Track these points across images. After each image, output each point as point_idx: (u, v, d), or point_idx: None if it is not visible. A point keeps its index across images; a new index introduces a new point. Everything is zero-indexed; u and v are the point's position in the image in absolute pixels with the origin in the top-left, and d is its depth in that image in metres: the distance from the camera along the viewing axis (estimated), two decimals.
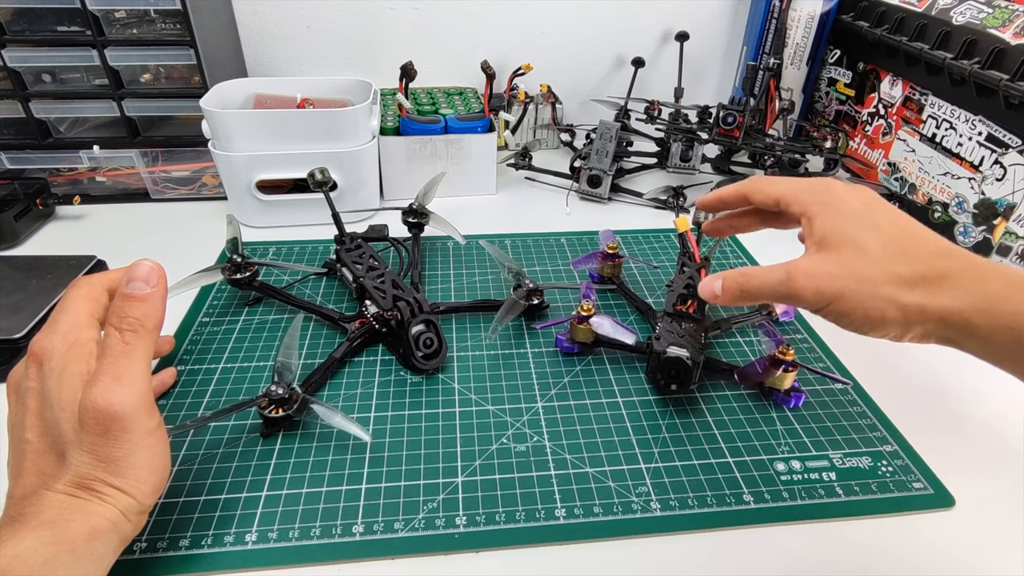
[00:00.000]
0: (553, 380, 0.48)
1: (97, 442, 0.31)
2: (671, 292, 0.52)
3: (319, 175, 0.55)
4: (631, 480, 0.40)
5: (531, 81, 0.86)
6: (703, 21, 0.92)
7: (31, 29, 0.65)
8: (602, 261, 0.59)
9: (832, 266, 0.36)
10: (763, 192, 0.41)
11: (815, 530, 0.38)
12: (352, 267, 0.54)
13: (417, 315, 0.48)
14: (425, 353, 0.48)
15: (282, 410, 0.41)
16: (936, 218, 0.70)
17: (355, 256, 0.55)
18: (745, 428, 0.45)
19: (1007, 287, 0.33)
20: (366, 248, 0.56)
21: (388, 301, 0.49)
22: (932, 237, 0.37)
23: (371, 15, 0.84)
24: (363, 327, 0.50)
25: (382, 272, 0.53)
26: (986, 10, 0.63)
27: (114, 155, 0.70)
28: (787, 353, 0.45)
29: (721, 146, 0.82)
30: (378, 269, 0.53)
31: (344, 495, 0.39)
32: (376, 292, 0.50)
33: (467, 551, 0.36)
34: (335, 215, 0.57)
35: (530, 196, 0.79)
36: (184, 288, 0.51)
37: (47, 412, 0.32)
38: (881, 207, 0.38)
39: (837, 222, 0.38)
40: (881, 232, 0.37)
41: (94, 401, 0.30)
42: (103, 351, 0.32)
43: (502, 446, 0.42)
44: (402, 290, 0.51)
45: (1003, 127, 0.60)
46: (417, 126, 0.73)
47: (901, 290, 0.35)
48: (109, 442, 0.31)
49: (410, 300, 0.49)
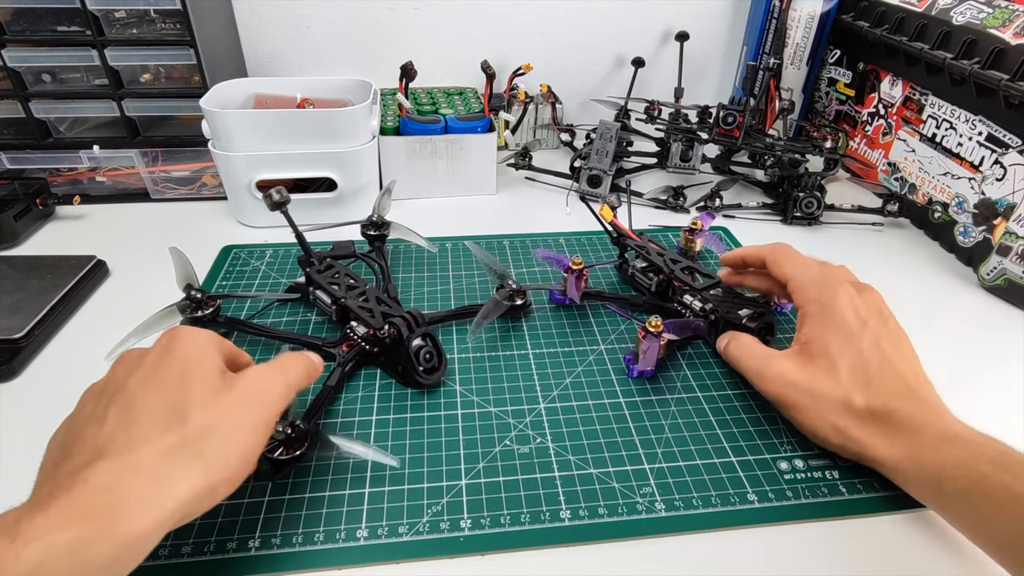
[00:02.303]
0: (555, 381, 0.48)
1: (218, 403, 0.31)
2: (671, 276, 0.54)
3: (276, 196, 0.49)
4: (635, 481, 0.40)
5: (531, 81, 0.86)
6: (703, 21, 0.92)
7: (31, 29, 0.65)
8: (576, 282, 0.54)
9: (800, 376, 0.42)
10: (779, 267, 0.47)
11: (819, 529, 0.38)
12: (329, 288, 0.51)
13: (415, 330, 0.47)
14: (426, 368, 0.46)
15: (290, 452, 0.39)
16: (936, 218, 0.70)
17: (329, 277, 0.52)
18: (747, 427, 0.45)
19: (936, 438, 0.37)
20: (338, 267, 0.53)
21: (379, 319, 0.47)
22: (907, 372, 0.40)
23: (371, 15, 0.84)
24: (352, 350, 0.48)
25: (363, 290, 0.50)
26: (986, 10, 0.63)
27: (114, 155, 0.70)
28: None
29: (721, 146, 0.82)
30: (357, 287, 0.51)
31: (347, 499, 0.39)
32: (363, 311, 0.48)
33: (473, 554, 0.36)
34: (299, 235, 0.52)
35: (530, 196, 0.79)
36: (144, 333, 0.47)
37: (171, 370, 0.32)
38: (875, 327, 0.42)
39: (824, 332, 0.42)
40: (859, 356, 0.40)
41: (249, 377, 0.34)
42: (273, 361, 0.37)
43: (505, 448, 0.42)
44: (388, 305, 0.49)
45: (1003, 127, 0.60)
46: (417, 126, 0.72)
47: (849, 422, 0.40)
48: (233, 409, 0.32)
49: (404, 315, 0.47)
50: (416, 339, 0.46)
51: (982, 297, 0.62)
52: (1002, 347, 0.55)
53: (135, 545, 0.27)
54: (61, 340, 0.52)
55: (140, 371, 0.33)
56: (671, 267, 0.54)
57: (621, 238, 0.59)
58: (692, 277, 0.54)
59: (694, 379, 0.49)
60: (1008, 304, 0.60)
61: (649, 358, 0.47)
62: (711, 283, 0.53)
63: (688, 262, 0.55)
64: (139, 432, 0.29)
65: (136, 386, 0.32)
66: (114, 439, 0.29)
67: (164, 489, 0.28)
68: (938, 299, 0.61)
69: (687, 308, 0.53)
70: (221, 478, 0.30)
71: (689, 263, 0.55)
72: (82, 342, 0.51)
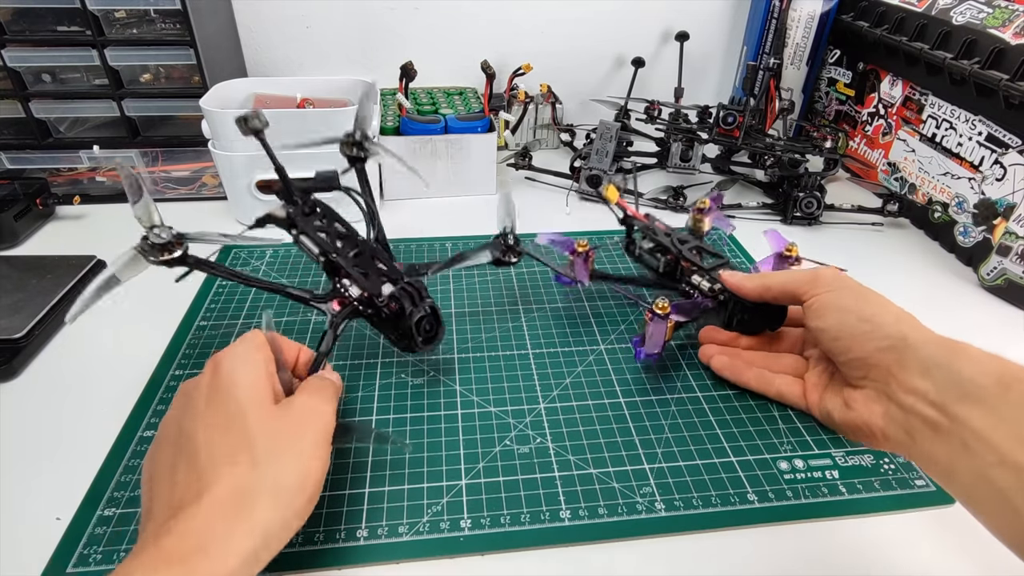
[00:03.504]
0: (555, 381, 0.48)
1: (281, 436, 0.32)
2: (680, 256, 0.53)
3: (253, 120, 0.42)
4: (635, 480, 0.40)
5: (531, 81, 0.86)
6: (703, 21, 0.92)
7: (31, 29, 0.65)
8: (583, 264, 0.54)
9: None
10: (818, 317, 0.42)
11: (819, 528, 0.38)
12: (316, 237, 0.44)
13: (418, 303, 0.43)
14: (425, 337, 0.44)
15: None
16: (936, 218, 0.70)
17: (316, 220, 0.45)
18: (747, 427, 0.45)
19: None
20: (325, 209, 0.46)
21: (376, 284, 0.43)
22: None
23: (371, 15, 0.84)
24: (345, 308, 0.44)
25: (355, 243, 0.45)
26: (986, 10, 0.63)
27: (114, 155, 0.70)
28: (792, 249, 0.51)
29: (721, 146, 0.82)
30: (350, 239, 0.45)
31: (347, 499, 0.39)
32: (358, 273, 0.43)
33: (473, 554, 0.36)
34: (279, 168, 0.44)
35: (530, 196, 0.78)
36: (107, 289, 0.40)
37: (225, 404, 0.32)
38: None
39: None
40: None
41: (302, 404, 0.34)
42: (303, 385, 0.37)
43: (505, 448, 0.42)
44: (383, 264, 0.45)
45: (1003, 127, 0.60)
46: (417, 126, 0.72)
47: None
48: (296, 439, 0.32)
49: (406, 287, 0.43)
50: (418, 312, 0.44)
51: (982, 297, 0.62)
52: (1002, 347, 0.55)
53: None
54: (61, 340, 0.52)
55: (193, 411, 0.33)
56: (678, 247, 0.53)
57: (628, 218, 0.58)
58: (700, 257, 0.52)
59: (694, 379, 0.49)
60: (1008, 304, 0.60)
61: (656, 340, 0.47)
62: (719, 263, 0.51)
63: (696, 242, 0.54)
64: (210, 477, 0.30)
65: (195, 430, 0.32)
66: (188, 490, 0.29)
67: (243, 526, 0.29)
68: (938, 299, 0.61)
69: (695, 288, 0.51)
70: (294, 508, 0.31)
71: (697, 243, 0.53)
72: (82, 342, 0.51)
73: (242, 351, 0.35)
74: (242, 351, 0.35)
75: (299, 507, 0.31)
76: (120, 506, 0.38)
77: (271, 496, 0.30)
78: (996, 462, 0.30)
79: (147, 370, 0.48)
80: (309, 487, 0.32)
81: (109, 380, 0.47)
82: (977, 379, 0.33)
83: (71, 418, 0.44)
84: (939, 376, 0.34)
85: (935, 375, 0.34)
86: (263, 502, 0.30)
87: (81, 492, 0.39)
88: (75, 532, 0.36)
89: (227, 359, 0.35)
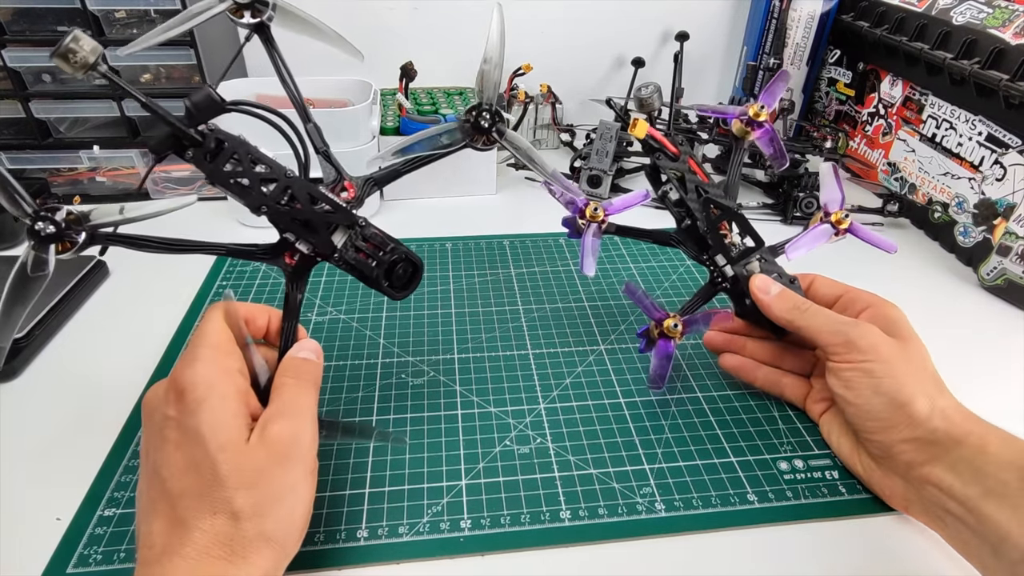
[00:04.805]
0: (555, 381, 0.48)
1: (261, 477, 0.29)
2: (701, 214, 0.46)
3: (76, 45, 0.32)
4: (635, 481, 0.40)
5: (531, 81, 0.86)
6: (703, 21, 0.92)
7: (31, 29, 0.65)
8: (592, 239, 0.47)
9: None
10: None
11: (819, 529, 0.38)
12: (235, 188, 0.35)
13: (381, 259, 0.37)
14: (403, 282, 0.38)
15: None
16: (936, 218, 0.70)
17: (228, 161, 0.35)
18: (747, 427, 0.45)
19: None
20: (231, 142, 0.35)
21: (325, 237, 0.35)
22: None
23: (371, 15, 0.84)
24: (299, 260, 0.37)
25: (285, 184, 0.35)
26: (986, 10, 0.63)
27: (114, 155, 0.70)
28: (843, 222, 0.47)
29: (721, 146, 0.82)
30: (273, 178, 0.35)
31: (347, 499, 0.39)
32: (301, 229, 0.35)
33: (473, 554, 0.36)
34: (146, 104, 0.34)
35: (530, 196, 0.79)
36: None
37: (192, 449, 0.29)
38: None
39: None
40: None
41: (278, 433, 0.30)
42: (278, 392, 0.33)
43: (505, 448, 0.42)
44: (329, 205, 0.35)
45: (1003, 127, 0.60)
46: (417, 126, 0.72)
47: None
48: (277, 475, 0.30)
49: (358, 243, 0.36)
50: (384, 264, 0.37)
51: (982, 297, 0.62)
52: (1002, 347, 0.55)
53: None
54: (61, 340, 0.52)
55: (163, 452, 0.30)
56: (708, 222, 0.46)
57: (657, 157, 0.49)
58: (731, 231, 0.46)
59: (694, 379, 0.49)
60: (1008, 304, 0.60)
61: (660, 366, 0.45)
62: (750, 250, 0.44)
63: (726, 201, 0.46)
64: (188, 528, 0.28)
65: (169, 475, 0.29)
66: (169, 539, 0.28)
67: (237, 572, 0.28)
68: (938, 299, 0.61)
69: (718, 270, 0.46)
70: (284, 552, 0.30)
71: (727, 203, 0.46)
72: (82, 342, 0.51)
73: (205, 373, 0.31)
74: (205, 373, 0.31)
75: (293, 541, 0.31)
76: (120, 506, 0.38)
77: (263, 541, 0.29)
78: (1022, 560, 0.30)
79: (148, 369, 0.48)
80: (298, 520, 0.31)
81: (109, 380, 0.47)
82: (1000, 475, 0.32)
83: (71, 418, 0.44)
84: (964, 472, 0.34)
85: (960, 471, 0.34)
86: (256, 548, 0.28)
87: (81, 492, 0.39)
88: (75, 532, 0.36)
89: (191, 389, 0.30)
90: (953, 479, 0.34)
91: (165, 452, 0.30)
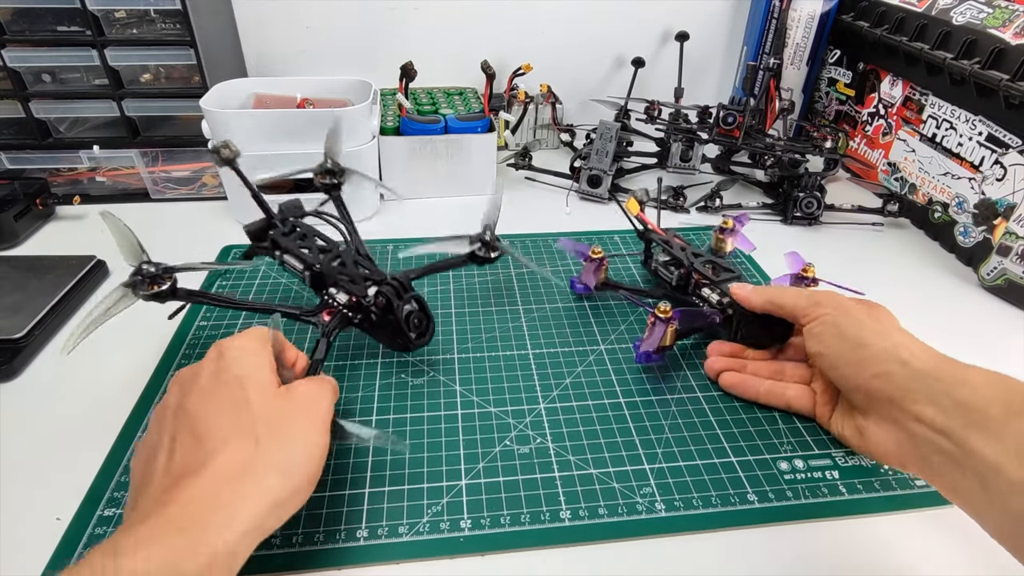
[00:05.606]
0: (555, 381, 0.48)
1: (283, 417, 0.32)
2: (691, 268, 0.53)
3: (225, 151, 0.46)
4: (635, 481, 0.40)
5: (531, 81, 0.86)
6: (703, 21, 0.92)
7: (31, 29, 0.65)
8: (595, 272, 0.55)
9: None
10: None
11: (819, 529, 0.38)
12: (299, 253, 0.47)
13: (404, 296, 0.45)
14: (417, 332, 0.45)
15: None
16: (936, 218, 0.70)
17: (296, 240, 0.48)
18: (747, 427, 0.45)
19: None
20: (304, 228, 0.49)
21: (361, 286, 0.45)
22: None
23: (371, 15, 0.84)
24: (334, 317, 0.46)
25: (336, 253, 0.47)
26: (986, 10, 0.63)
27: (114, 155, 0.70)
28: (809, 270, 0.52)
29: (721, 146, 0.82)
30: (330, 250, 0.48)
31: (347, 499, 0.39)
32: (343, 279, 0.45)
33: (473, 554, 0.36)
34: (256, 195, 0.48)
35: (530, 196, 0.79)
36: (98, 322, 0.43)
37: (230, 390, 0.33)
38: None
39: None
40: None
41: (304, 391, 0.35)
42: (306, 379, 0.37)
43: (505, 448, 0.42)
44: (368, 269, 0.46)
45: (1003, 127, 0.60)
46: (417, 126, 0.72)
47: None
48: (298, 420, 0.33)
49: (391, 282, 0.44)
50: (406, 305, 0.45)
51: (982, 297, 0.62)
52: (1002, 347, 0.55)
53: (227, 556, 0.27)
54: (61, 340, 0.52)
55: (196, 391, 0.33)
56: (691, 260, 0.53)
57: (647, 232, 0.58)
58: (713, 271, 0.53)
59: (694, 379, 0.49)
60: (1008, 304, 0.60)
61: (653, 340, 0.47)
62: (730, 277, 0.52)
63: (709, 256, 0.54)
64: (212, 450, 0.30)
65: (198, 407, 0.32)
66: (190, 462, 0.30)
67: (246, 500, 0.29)
68: (938, 299, 0.61)
69: (704, 301, 0.52)
70: (295, 484, 0.31)
71: (710, 257, 0.54)
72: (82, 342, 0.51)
73: (246, 340, 0.36)
74: (246, 340, 0.36)
75: (306, 479, 0.32)
76: (120, 506, 0.38)
77: (277, 469, 0.30)
78: (1011, 490, 0.30)
79: (148, 370, 0.48)
80: (312, 465, 0.32)
81: (109, 380, 0.48)
82: (981, 405, 0.33)
83: (71, 418, 0.44)
84: (946, 404, 0.34)
85: (941, 403, 0.34)
86: (270, 473, 0.30)
87: (81, 492, 0.39)
88: (75, 532, 0.36)
89: (231, 346, 0.35)
90: (935, 412, 0.34)
91: (198, 389, 0.33)
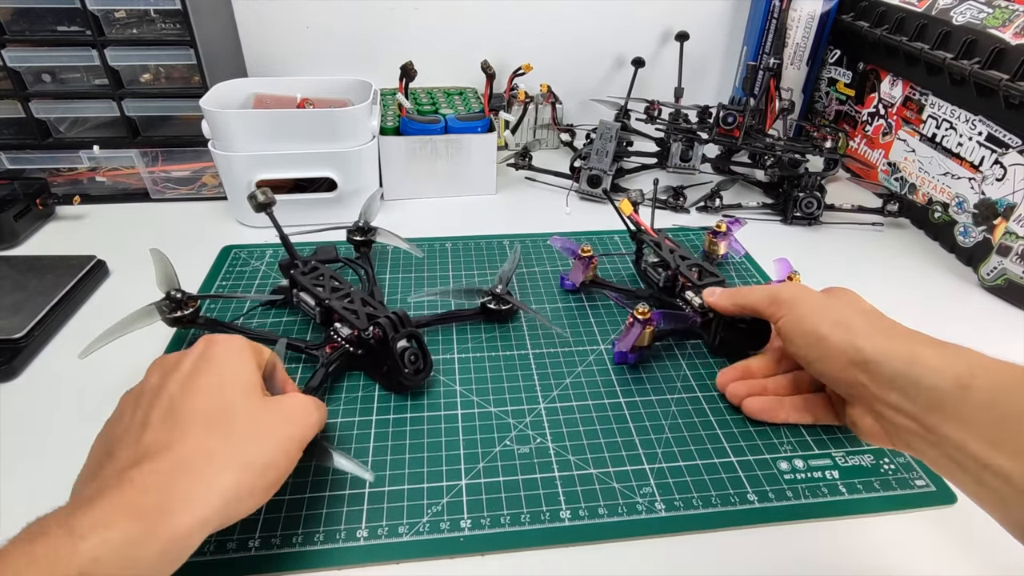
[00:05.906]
0: (555, 381, 0.48)
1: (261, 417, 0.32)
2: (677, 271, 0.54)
3: (261, 197, 0.49)
4: (635, 481, 0.40)
5: (531, 81, 0.86)
6: (703, 21, 0.92)
7: (31, 29, 0.65)
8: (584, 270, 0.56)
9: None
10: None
11: (819, 529, 0.38)
12: (313, 290, 0.50)
13: (400, 330, 0.45)
14: (412, 369, 0.45)
15: None
16: (936, 218, 0.70)
17: (313, 279, 0.51)
18: (747, 427, 0.45)
19: None
20: (323, 270, 0.52)
21: (363, 320, 0.46)
22: None
23: (371, 15, 0.84)
24: (335, 351, 0.47)
25: (347, 292, 0.49)
26: (986, 10, 0.63)
27: (114, 155, 0.70)
28: (795, 279, 0.52)
29: (721, 146, 0.82)
30: (342, 289, 0.50)
31: (347, 499, 0.39)
32: (347, 312, 0.47)
33: (473, 554, 0.36)
34: (283, 237, 0.52)
35: (530, 196, 0.79)
36: (118, 333, 0.46)
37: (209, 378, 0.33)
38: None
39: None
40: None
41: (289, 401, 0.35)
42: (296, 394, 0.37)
43: (505, 448, 0.42)
44: (373, 307, 0.48)
45: (1003, 127, 0.60)
46: (417, 126, 0.72)
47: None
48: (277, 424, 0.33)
49: (389, 316, 0.45)
50: (401, 340, 0.45)
51: (982, 297, 0.62)
52: (1002, 347, 0.55)
53: (181, 543, 0.27)
54: (61, 340, 0.52)
55: (178, 375, 0.33)
56: (678, 263, 0.54)
57: (639, 233, 0.59)
58: (699, 275, 0.53)
59: (694, 379, 0.49)
60: (1008, 304, 0.60)
61: (627, 341, 0.47)
62: (712, 281, 0.52)
63: (696, 260, 0.54)
64: (182, 433, 0.30)
65: (176, 390, 0.32)
66: (158, 441, 0.30)
67: (208, 488, 0.29)
68: (938, 299, 0.61)
69: (687, 304, 0.53)
70: (259, 484, 0.31)
71: (697, 261, 0.54)
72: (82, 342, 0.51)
73: (236, 340, 0.36)
74: (236, 340, 0.36)
75: (264, 484, 0.31)
76: None
77: (238, 468, 0.30)
78: (980, 467, 0.30)
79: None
80: (272, 475, 0.32)
81: (109, 379, 0.47)
82: (938, 384, 0.32)
83: (71, 418, 0.44)
84: (905, 386, 0.34)
85: (901, 386, 0.34)
86: (229, 470, 0.30)
87: None
88: None
89: (221, 341, 0.35)
90: (899, 398, 0.34)
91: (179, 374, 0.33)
